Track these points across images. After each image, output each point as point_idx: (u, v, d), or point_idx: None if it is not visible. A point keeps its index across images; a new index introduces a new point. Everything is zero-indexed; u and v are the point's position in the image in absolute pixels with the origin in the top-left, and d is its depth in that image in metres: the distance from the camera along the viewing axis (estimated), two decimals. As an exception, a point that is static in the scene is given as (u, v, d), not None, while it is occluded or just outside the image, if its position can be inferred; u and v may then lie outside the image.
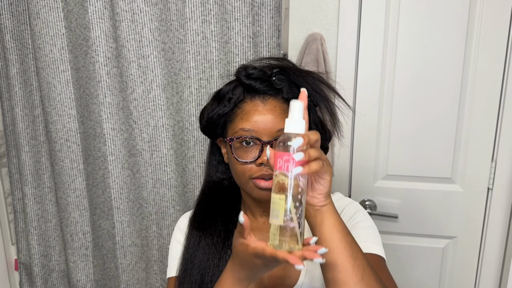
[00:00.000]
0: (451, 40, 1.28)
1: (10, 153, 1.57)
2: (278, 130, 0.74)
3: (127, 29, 1.28)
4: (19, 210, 1.63)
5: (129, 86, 1.32)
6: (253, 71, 0.76)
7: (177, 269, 0.85)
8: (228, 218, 0.84)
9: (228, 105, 0.77)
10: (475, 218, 1.40)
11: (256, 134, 0.74)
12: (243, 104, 0.77)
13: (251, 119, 0.74)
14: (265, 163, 0.72)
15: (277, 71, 0.76)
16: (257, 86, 0.75)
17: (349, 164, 1.44)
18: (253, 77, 0.76)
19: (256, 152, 0.74)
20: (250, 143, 0.74)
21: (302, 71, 0.78)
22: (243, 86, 0.77)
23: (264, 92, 0.76)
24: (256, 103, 0.75)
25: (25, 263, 1.68)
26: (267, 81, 0.76)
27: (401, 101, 1.35)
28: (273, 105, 0.75)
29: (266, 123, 0.74)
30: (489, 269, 1.42)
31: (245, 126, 0.74)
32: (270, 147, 0.60)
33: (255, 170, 0.74)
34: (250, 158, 0.74)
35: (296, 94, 0.76)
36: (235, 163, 0.76)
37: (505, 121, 1.30)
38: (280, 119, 0.74)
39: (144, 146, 1.37)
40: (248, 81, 0.76)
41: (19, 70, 1.46)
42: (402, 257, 1.48)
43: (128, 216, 1.46)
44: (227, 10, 1.20)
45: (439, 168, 1.38)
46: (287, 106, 0.75)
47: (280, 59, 0.80)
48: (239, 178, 0.78)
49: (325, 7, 1.33)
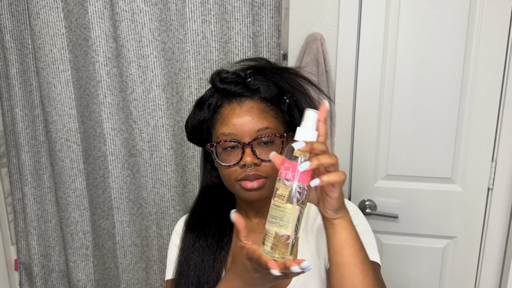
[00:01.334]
0: (451, 40, 1.28)
1: (10, 153, 1.57)
2: (258, 130, 0.74)
3: (127, 29, 1.28)
4: (19, 210, 1.63)
5: (129, 86, 1.32)
6: (226, 75, 0.77)
7: (173, 271, 0.85)
8: (223, 220, 0.84)
9: (208, 111, 0.78)
10: (475, 218, 1.40)
11: (236, 137, 0.74)
12: (221, 109, 0.78)
13: (229, 123, 0.75)
14: (247, 163, 0.73)
15: (250, 72, 0.76)
16: (232, 89, 0.76)
17: (349, 164, 1.44)
18: (227, 81, 0.76)
19: (239, 155, 0.74)
20: (233, 147, 0.75)
21: (278, 68, 0.79)
22: (219, 91, 0.78)
23: (240, 95, 0.76)
24: (233, 106, 0.76)
25: (25, 263, 1.68)
26: (241, 83, 0.76)
27: (401, 101, 1.35)
28: (250, 106, 0.76)
29: (245, 124, 0.74)
30: (489, 269, 1.42)
31: (224, 130, 0.75)
32: (276, 153, 0.61)
33: (239, 172, 0.75)
34: (234, 161, 0.75)
35: (274, 92, 0.77)
36: (220, 167, 0.78)
37: (505, 121, 1.30)
38: (258, 119, 0.74)
39: (144, 146, 1.37)
40: (223, 85, 0.77)
41: (19, 70, 1.46)
42: (402, 257, 1.48)
43: (128, 216, 1.46)
44: (227, 10, 1.20)
45: (439, 168, 1.38)
46: (265, 105, 0.76)
47: (257, 59, 0.81)
48: (226, 182, 0.79)
49: (325, 7, 1.33)
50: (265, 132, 0.74)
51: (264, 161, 0.74)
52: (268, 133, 0.74)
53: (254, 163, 0.73)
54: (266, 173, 0.75)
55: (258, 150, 0.74)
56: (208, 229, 0.84)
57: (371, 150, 1.41)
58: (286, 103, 0.77)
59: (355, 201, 1.46)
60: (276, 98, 0.77)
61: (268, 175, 0.75)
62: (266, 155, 0.74)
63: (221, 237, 0.83)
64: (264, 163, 0.74)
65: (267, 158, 0.74)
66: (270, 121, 0.75)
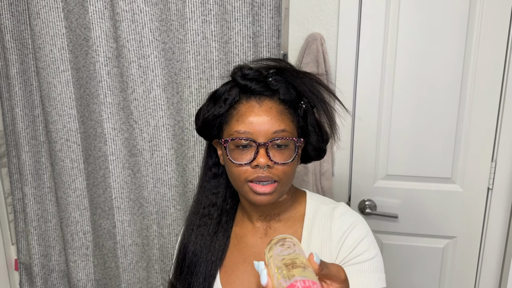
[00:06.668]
0: (451, 40, 1.29)
1: (10, 153, 1.57)
2: (274, 132, 0.72)
3: (127, 29, 1.28)
4: (19, 210, 1.63)
5: (130, 86, 1.32)
6: (248, 72, 0.75)
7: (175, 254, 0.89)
8: (222, 210, 0.86)
9: (224, 106, 0.76)
10: (475, 218, 1.40)
11: (251, 136, 0.72)
12: (238, 105, 0.75)
13: (246, 121, 0.73)
14: (261, 164, 0.71)
15: (273, 71, 0.75)
16: (252, 86, 0.74)
17: (349, 164, 1.44)
18: (249, 77, 0.75)
19: (252, 154, 0.73)
20: (246, 146, 0.73)
21: (300, 72, 0.77)
22: (239, 86, 0.76)
23: (260, 93, 0.75)
24: (251, 104, 0.74)
25: (25, 263, 1.68)
26: (263, 82, 0.75)
27: (401, 101, 1.35)
28: (269, 106, 0.74)
29: (262, 124, 0.72)
30: (489, 269, 1.42)
31: (240, 128, 0.73)
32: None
33: (250, 172, 0.73)
34: (246, 160, 0.73)
35: (293, 95, 0.76)
36: (231, 165, 0.76)
37: (505, 121, 1.30)
38: (276, 120, 0.73)
39: (145, 145, 1.37)
40: (244, 81, 0.75)
41: (19, 70, 1.46)
42: (402, 257, 1.48)
43: (129, 215, 1.46)
44: (227, 10, 1.20)
45: (439, 168, 1.38)
46: (284, 107, 0.75)
47: (278, 60, 0.79)
48: (235, 181, 0.77)
49: (325, 7, 1.33)
50: (281, 135, 0.73)
51: (277, 163, 0.73)
52: (284, 136, 0.73)
53: (267, 164, 0.72)
54: (277, 177, 0.73)
55: (272, 152, 0.73)
56: (209, 216, 0.86)
57: (371, 150, 1.41)
58: (303, 108, 0.76)
59: (355, 201, 1.47)
60: (294, 101, 0.76)
61: (279, 179, 0.73)
62: (280, 158, 0.73)
63: (217, 228, 0.85)
64: (277, 166, 0.73)
65: (280, 161, 0.73)
66: (287, 124, 0.74)
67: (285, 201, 0.82)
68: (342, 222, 0.78)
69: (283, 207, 0.83)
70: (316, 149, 0.80)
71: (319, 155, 0.82)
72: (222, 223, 0.86)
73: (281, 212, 0.83)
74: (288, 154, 0.73)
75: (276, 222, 0.83)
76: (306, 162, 0.85)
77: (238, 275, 0.83)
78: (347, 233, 0.77)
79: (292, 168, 0.75)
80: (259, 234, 0.83)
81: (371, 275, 0.75)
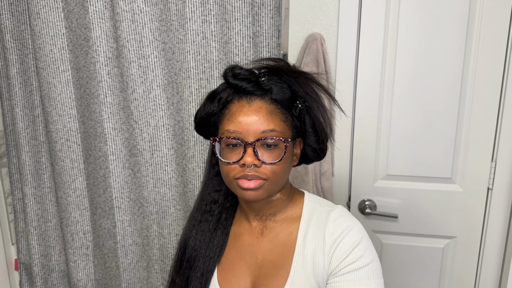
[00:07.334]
0: (451, 40, 1.29)
1: (10, 153, 1.57)
2: (263, 131, 0.73)
3: (127, 29, 1.28)
4: (19, 210, 1.63)
5: (130, 86, 1.32)
6: (239, 71, 0.75)
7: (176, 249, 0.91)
8: (223, 207, 0.87)
9: (218, 105, 0.77)
10: (475, 218, 1.40)
11: (240, 135, 0.73)
12: (230, 104, 0.76)
13: (235, 120, 0.74)
14: (247, 163, 0.72)
15: (265, 71, 0.75)
16: (243, 86, 0.75)
17: (349, 164, 1.44)
18: (239, 77, 0.75)
19: (240, 153, 0.73)
20: (235, 145, 0.74)
21: (296, 71, 0.77)
22: (230, 86, 0.77)
23: (251, 93, 0.75)
24: (242, 104, 0.75)
25: (25, 263, 1.68)
26: (254, 82, 0.75)
27: (401, 101, 1.35)
28: (259, 106, 0.74)
29: (251, 124, 0.73)
30: (489, 269, 1.42)
31: (230, 127, 0.74)
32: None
33: (238, 171, 0.74)
34: (234, 158, 0.74)
35: (286, 95, 0.76)
36: (221, 163, 0.78)
37: (505, 121, 1.30)
38: (265, 120, 0.73)
39: (145, 145, 1.37)
40: (234, 81, 0.75)
41: (19, 70, 1.46)
42: (402, 257, 1.48)
43: (129, 215, 1.46)
44: (227, 10, 1.20)
45: (439, 168, 1.38)
46: (275, 107, 0.75)
47: (276, 60, 0.79)
48: (225, 178, 0.79)
49: (325, 7, 1.33)
50: (269, 135, 0.73)
51: (264, 163, 0.73)
52: (272, 135, 0.73)
53: (254, 164, 0.72)
54: (265, 175, 0.74)
55: (261, 151, 0.74)
56: (210, 213, 0.88)
57: (371, 150, 1.41)
58: (298, 108, 0.76)
59: (355, 201, 1.47)
60: (288, 101, 0.76)
61: (267, 178, 0.74)
62: (268, 157, 0.73)
63: (218, 224, 0.86)
64: (265, 165, 0.73)
65: (268, 160, 0.73)
66: (277, 124, 0.74)
67: (280, 201, 0.83)
68: (336, 226, 0.78)
69: (278, 207, 0.83)
70: (314, 150, 0.80)
71: (318, 156, 0.82)
72: (221, 221, 0.87)
73: (277, 212, 0.83)
74: (277, 153, 0.74)
75: (272, 222, 0.83)
76: (307, 163, 0.85)
77: (234, 273, 0.84)
78: (340, 238, 0.77)
79: (281, 167, 0.75)
80: (256, 234, 0.84)
81: (368, 282, 0.74)
